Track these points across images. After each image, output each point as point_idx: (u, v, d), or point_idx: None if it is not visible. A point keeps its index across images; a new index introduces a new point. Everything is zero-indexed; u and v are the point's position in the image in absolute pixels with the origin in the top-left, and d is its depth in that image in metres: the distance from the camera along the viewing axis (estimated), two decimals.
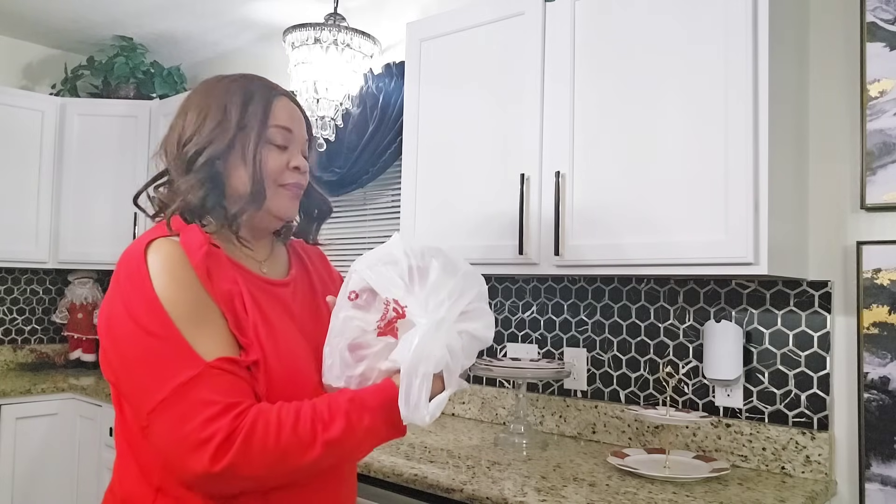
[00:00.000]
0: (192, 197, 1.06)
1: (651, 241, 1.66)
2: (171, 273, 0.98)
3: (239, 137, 1.08)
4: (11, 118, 3.24)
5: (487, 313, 1.06)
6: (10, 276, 3.61)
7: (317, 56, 2.50)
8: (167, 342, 0.95)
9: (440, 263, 1.03)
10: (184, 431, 0.91)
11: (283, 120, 1.12)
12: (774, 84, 1.56)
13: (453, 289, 1.02)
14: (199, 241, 1.02)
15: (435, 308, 0.99)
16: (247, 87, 1.13)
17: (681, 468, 1.70)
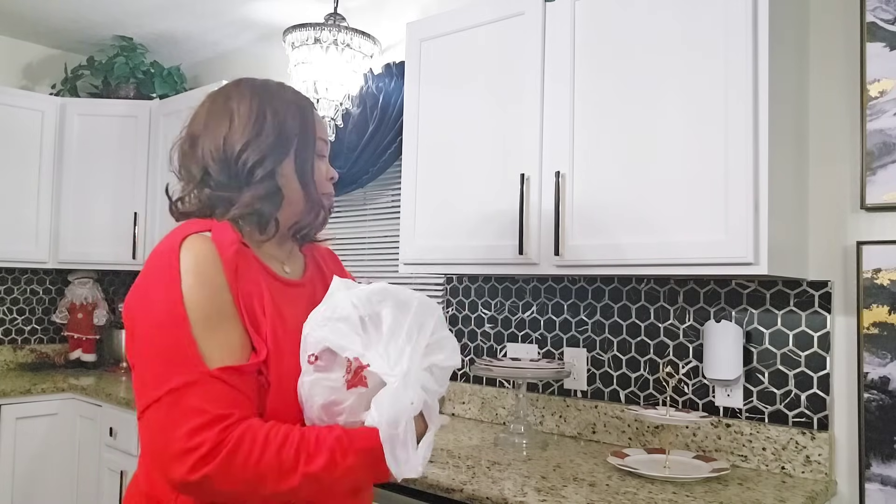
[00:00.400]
0: (262, 208, 1.09)
1: (651, 241, 1.66)
2: (200, 273, 0.99)
3: (297, 149, 1.12)
4: (11, 118, 3.24)
5: (450, 339, 1.06)
6: (10, 276, 3.61)
7: (317, 56, 2.50)
8: (177, 343, 0.95)
9: (391, 305, 1.01)
10: (170, 436, 0.92)
11: (322, 132, 1.18)
12: (774, 84, 1.56)
13: (410, 327, 1.00)
14: (231, 239, 1.04)
15: (397, 357, 0.98)
16: (294, 98, 1.16)
17: (681, 468, 1.70)
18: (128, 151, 3.36)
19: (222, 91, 1.17)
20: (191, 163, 1.12)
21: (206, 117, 1.14)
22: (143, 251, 3.33)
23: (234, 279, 1.01)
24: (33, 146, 3.30)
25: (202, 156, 1.10)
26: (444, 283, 2.53)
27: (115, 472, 2.79)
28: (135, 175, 3.35)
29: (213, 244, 1.02)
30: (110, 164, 3.36)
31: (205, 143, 1.11)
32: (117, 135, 3.37)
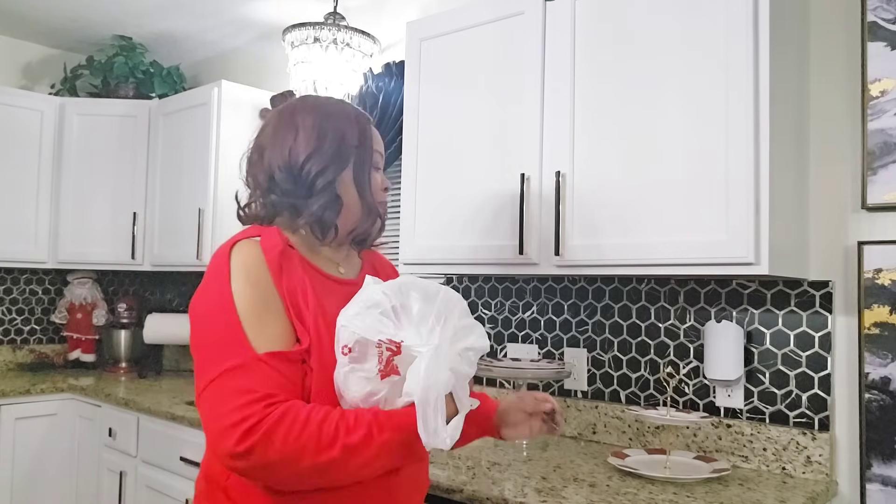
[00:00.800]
0: (324, 215, 1.19)
1: (652, 241, 1.66)
2: (247, 273, 1.10)
3: (355, 160, 1.22)
4: (11, 118, 3.24)
5: (476, 325, 1.11)
6: (10, 276, 3.60)
7: (316, 55, 2.50)
8: (228, 331, 1.06)
9: (419, 294, 1.07)
10: (221, 411, 1.01)
11: (379, 145, 1.28)
12: (775, 84, 1.56)
13: (438, 314, 1.06)
14: (276, 243, 1.16)
15: (428, 334, 1.04)
16: (354, 114, 1.26)
17: (681, 469, 1.70)
18: (127, 151, 3.36)
19: (288, 106, 1.26)
20: (258, 172, 1.23)
21: (274, 130, 1.23)
22: (143, 251, 3.33)
23: (278, 277, 1.12)
24: (33, 146, 3.30)
25: (269, 165, 1.21)
26: (445, 283, 2.53)
27: (114, 473, 2.79)
28: (134, 175, 3.35)
29: (259, 248, 1.14)
30: (110, 164, 3.36)
31: (272, 153, 1.21)
32: (117, 134, 3.36)
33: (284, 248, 1.16)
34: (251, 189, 1.26)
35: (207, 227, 2.99)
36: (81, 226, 3.34)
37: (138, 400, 2.71)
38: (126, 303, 3.60)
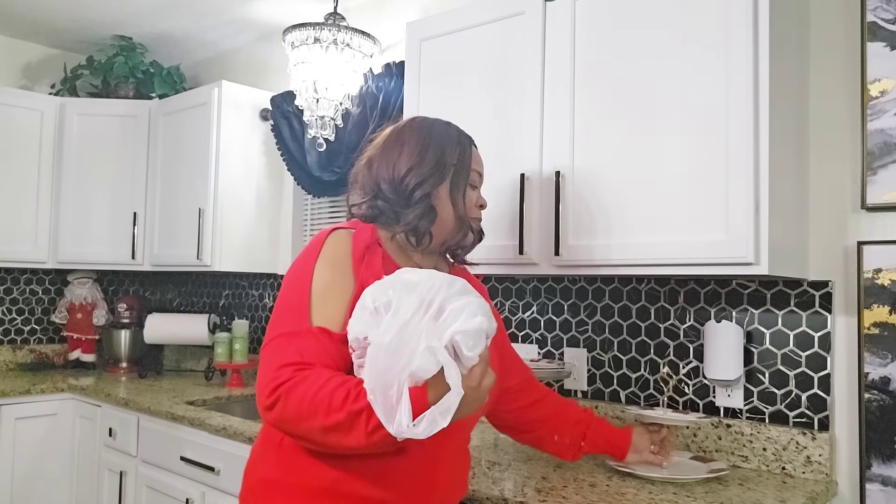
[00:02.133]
0: (419, 224, 1.32)
1: (651, 241, 1.66)
2: (332, 256, 1.25)
3: (452, 177, 1.35)
4: (10, 118, 3.24)
5: (466, 307, 1.08)
6: (10, 276, 3.60)
7: (316, 56, 2.50)
8: (297, 301, 1.21)
9: (398, 288, 1.10)
10: (266, 369, 1.16)
11: (478, 165, 1.42)
12: (775, 84, 1.56)
13: (421, 301, 1.08)
14: (366, 237, 1.30)
15: (387, 328, 1.06)
16: (456, 135, 1.40)
17: (679, 469, 1.70)
18: (127, 151, 3.36)
19: (399, 124, 1.43)
20: (367, 179, 1.38)
21: (383, 144, 1.40)
22: (143, 251, 3.33)
23: (358, 267, 1.25)
24: (32, 146, 3.30)
25: (376, 175, 1.36)
26: None
27: (114, 473, 2.79)
28: (134, 175, 3.35)
29: (350, 239, 1.28)
30: (110, 164, 3.36)
31: (379, 165, 1.37)
32: (117, 134, 3.36)
33: (372, 244, 1.29)
34: (361, 193, 1.40)
35: (207, 227, 2.99)
36: (81, 226, 3.34)
37: (138, 400, 2.72)
38: (126, 303, 3.60)
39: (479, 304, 1.09)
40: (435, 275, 1.12)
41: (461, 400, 1.02)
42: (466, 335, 1.06)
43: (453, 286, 1.11)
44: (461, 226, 1.37)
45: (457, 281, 1.11)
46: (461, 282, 1.11)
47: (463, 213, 1.36)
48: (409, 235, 1.33)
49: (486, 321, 1.08)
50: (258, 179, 3.16)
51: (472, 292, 1.11)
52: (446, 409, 1.01)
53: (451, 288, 1.10)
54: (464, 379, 1.04)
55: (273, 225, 3.22)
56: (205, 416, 2.41)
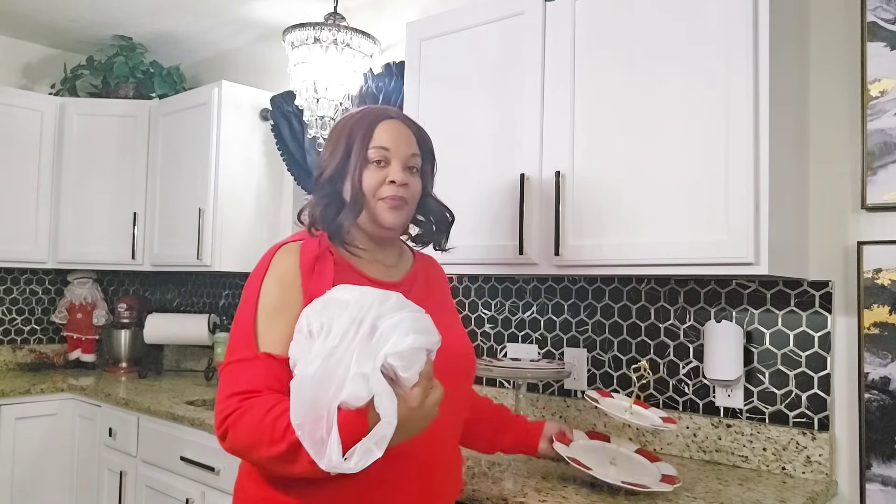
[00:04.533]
0: (314, 211, 1.29)
1: (651, 240, 1.66)
2: (280, 273, 1.21)
3: (347, 160, 1.29)
4: (11, 118, 3.24)
5: (402, 323, 1.02)
6: (10, 276, 3.60)
7: (316, 56, 2.50)
8: (245, 325, 1.19)
9: (331, 308, 1.06)
10: (218, 398, 1.16)
11: (381, 141, 1.30)
12: (775, 84, 1.56)
13: (351, 321, 1.03)
14: (314, 248, 1.25)
15: (316, 353, 1.02)
16: (359, 117, 1.32)
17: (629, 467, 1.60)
18: (127, 151, 3.36)
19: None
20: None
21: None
22: (143, 251, 3.33)
23: (308, 281, 1.20)
24: (33, 146, 3.30)
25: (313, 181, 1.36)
26: None
27: (114, 473, 2.79)
28: (134, 175, 3.35)
29: (298, 252, 1.24)
30: (110, 164, 3.36)
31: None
32: (117, 134, 3.36)
33: (322, 253, 1.24)
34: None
35: (207, 227, 2.99)
36: (81, 226, 3.34)
37: (138, 400, 2.72)
38: (126, 303, 3.60)
39: (414, 320, 1.02)
40: (367, 291, 1.07)
41: (405, 421, 0.98)
42: (400, 356, 0.99)
43: (386, 302, 1.04)
44: (351, 208, 1.28)
45: (390, 296, 1.05)
46: (395, 296, 1.05)
47: (357, 193, 1.27)
48: (325, 230, 1.28)
49: (423, 337, 1.01)
50: (258, 179, 3.16)
51: (407, 307, 1.05)
52: (381, 439, 0.96)
53: (384, 304, 1.04)
54: (403, 400, 0.99)
55: (273, 225, 3.22)
56: (205, 416, 2.41)
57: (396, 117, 1.35)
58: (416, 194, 1.35)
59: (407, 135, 1.34)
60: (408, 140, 1.33)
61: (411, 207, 1.35)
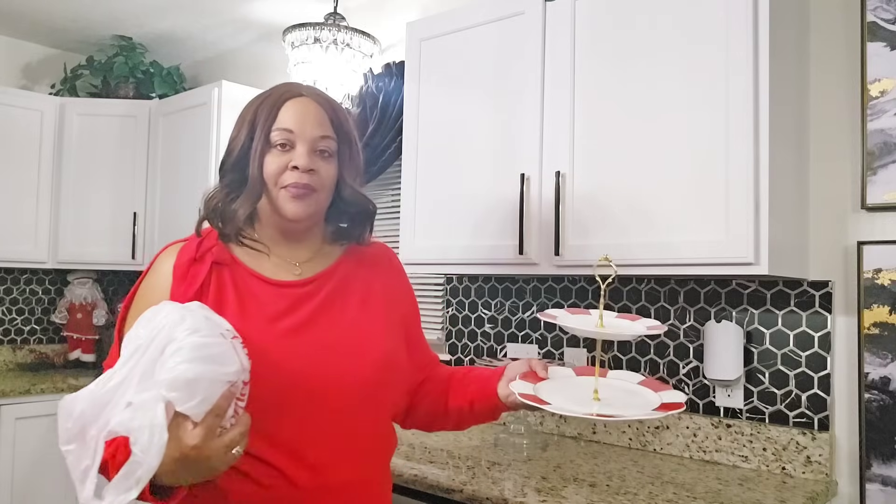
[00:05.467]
0: (213, 202, 1.16)
1: (651, 241, 1.66)
2: (152, 278, 1.14)
3: (252, 143, 1.14)
4: (10, 118, 3.23)
5: (178, 351, 0.90)
6: (10, 276, 3.60)
7: (316, 56, 2.50)
8: (118, 332, 1.14)
9: (138, 327, 0.95)
10: None
11: (283, 122, 1.14)
12: (775, 84, 1.56)
13: (134, 347, 0.93)
14: (191, 250, 1.14)
15: (101, 378, 0.94)
16: (265, 96, 1.17)
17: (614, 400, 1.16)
18: (127, 151, 3.36)
19: None
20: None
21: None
22: (143, 251, 3.33)
23: (178, 285, 1.10)
24: (33, 146, 3.30)
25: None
26: (444, 283, 2.53)
27: None
28: (134, 175, 3.35)
29: (174, 255, 1.14)
30: (110, 164, 3.36)
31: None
32: (117, 134, 3.36)
33: (203, 254, 1.14)
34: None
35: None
36: (81, 226, 3.34)
37: None
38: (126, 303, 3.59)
39: (199, 347, 0.89)
40: (161, 311, 0.95)
41: (185, 462, 0.88)
42: (172, 386, 0.87)
43: (181, 323, 0.92)
44: (246, 197, 1.14)
45: (188, 317, 0.93)
46: (193, 318, 0.93)
47: (257, 179, 1.13)
48: (218, 222, 1.16)
49: (205, 367, 0.88)
50: None
51: (202, 330, 0.92)
52: (136, 480, 0.85)
53: (179, 326, 0.92)
54: (177, 439, 0.87)
55: None
56: None
57: (307, 94, 1.18)
58: (328, 182, 1.17)
59: (317, 114, 1.16)
60: (317, 120, 1.16)
61: (321, 196, 1.17)
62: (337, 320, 1.15)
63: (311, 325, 1.13)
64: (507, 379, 1.20)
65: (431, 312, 2.60)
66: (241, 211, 1.14)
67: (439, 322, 2.57)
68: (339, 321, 1.15)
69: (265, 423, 1.03)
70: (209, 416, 0.89)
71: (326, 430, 1.09)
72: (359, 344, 1.14)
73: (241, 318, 1.08)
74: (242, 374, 0.93)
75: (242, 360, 0.93)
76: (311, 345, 1.11)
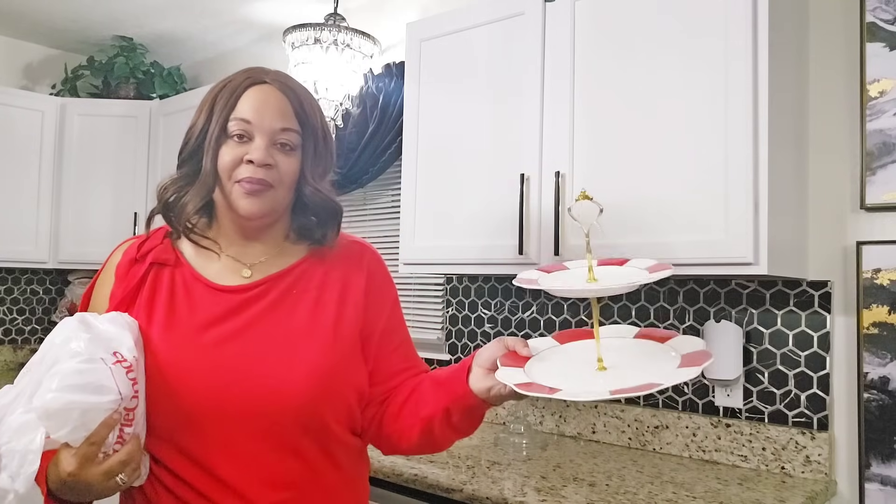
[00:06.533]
0: (166, 195, 1.08)
1: (651, 240, 1.66)
2: (101, 277, 1.11)
3: (207, 134, 1.06)
4: (11, 118, 3.24)
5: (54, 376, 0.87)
6: (10, 276, 3.61)
7: (317, 56, 2.50)
8: None
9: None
10: None
11: (242, 112, 1.05)
12: (774, 84, 1.56)
13: (30, 363, 0.93)
14: (133, 249, 1.09)
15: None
16: (227, 82, 1.08)
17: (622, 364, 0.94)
18: (128, 151, 3.36)
19: None
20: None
21: None
22: None
23: (117, 288, 1.07)
24: (33, 146, 3.30)
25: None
26: (444, 283, 2.53)
27: None
28: (135, 175, 3.36)
29: (120, 253, 1.10)
30: (110, 164, 3.36)
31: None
32: (117, 135, 3.37)
33: (145, 254, 1.08)
34: None
35: None
36: (82, 226, 3.35)
37: None
38: None
39: (66, 375, 0.86)
40: (60, 327, 0.93)
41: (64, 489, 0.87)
42: (44, 414, 0.85)
43: (66, 345, 0.89)
44: (197, 191, 1.05)
45: (73, 338, 0.90)
46: (78, 340, 0.90)
47: (210, 171, 1.04)
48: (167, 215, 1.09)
49: (74, 395, 0.84)
50: None
51: (78, 355, 0.88)
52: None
53: (65, 346, 0.89)
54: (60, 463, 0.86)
55: None
56: None
57: (271, 82, 1.08)
58: (288, 177, 1.07)
59: (279, 104, 1.06)
60: (279, 111, 1.06)
61: (280, 193, 1.06)
62: (277, 329, 1.04)
63: (243, 335, 1.03)
64: (482, 368, 0.99)
65: (431, 312, 2.61)
66: (190, 205, 1.05)
67: (439, 322, 2.57)
68: (279, 329, 1.04)
69: (182, 441, 0.99)
70: (84, 444, 0.86)
71: (250, 452, 0.99)
72: (296, 354, 1.03)
73: (167, 327, 1.02)
74: (122, 402, 0.89)
75: (121, 388, 0.88)
76: (239, 357, 1.01)
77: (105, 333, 0.94)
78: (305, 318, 1.06)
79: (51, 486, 0.89)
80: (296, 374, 1.02)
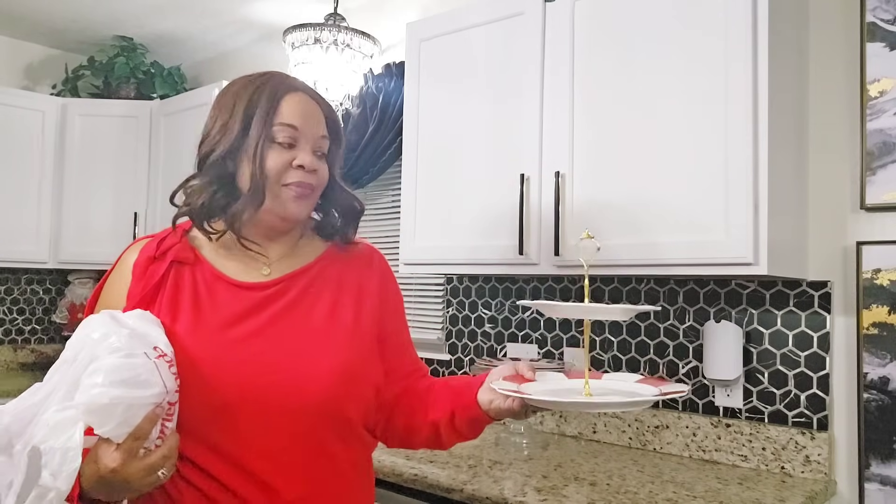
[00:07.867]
0: (198, 198, 1.09)
1: (651, 241, 1.66)
2: (116, 274, 1.11)
3: (244, 136, 1.07)
4: (12, 118, 3.24)
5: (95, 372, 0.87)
6: (11, 276, 3.61)
7: (317, 56, 2.50)
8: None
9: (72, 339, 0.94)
10: None
11: (288, 117, 1.09)
12: (774, 84, 1.56)
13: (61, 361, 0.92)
14: (152, 247, 1.10)
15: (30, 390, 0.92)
16: (258, 85, 1.10)
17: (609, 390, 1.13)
18: (128, 151, 3.36)
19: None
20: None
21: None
22: None
23: (136, 286, 1.07)
24: (34, 146, 3.30)
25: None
26: (444, 283, 2.54)
27: None
28: (135, 175, 3.36)
29: (136, 251, 1.10)
30: (111, 165, 3.36)
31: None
32: (118, 135, 3.37)
33: (165, 252, 1.09)
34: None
35: None
36: (83, 226, 3.35)
37: None
38: None
39: (111, 370, 0.85)
40: (90, 324, 0.93)
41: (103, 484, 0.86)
42: (89, 409, 0.84)
43: (103, 341, 0.88)
44: (252, 197, 1.07)
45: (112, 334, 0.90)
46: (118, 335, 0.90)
47: (258, 180, 1.06)
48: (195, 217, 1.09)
49: (122, 391, 0.84)
50: None
51: (120, 350, 0.88)
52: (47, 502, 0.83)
53: (103, 343, 0.88)
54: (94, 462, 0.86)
55: None
56: None
57: (303, 90, 1.13)
58: (324, 182, 1.14)
59: (316, 113, 1.12)
60: (318, 119, 1.12)
61: (317, 196, 1.14)
62: (299, 325, 1.08)
63: (268, 331, 1.06)
64: (488, 384, 1.09)
65: (431, 312, 2.61)
66: (245, 214, 1.08)
67: (439, 322, 2.58)
68: (301, 326, 1.08)
69: (212, 436, 1.00)
70: (129, 439, 0.87)
71: (279, 446, 1.02)
72: (319, 350, 1.07)
73: (193, 324, 1.04)
74: (166, 396, 0.89)
75: (166, 382, 0.89)
76: (265, 353, 1.04)
77: (140, 329, 0.95)
78: (325, 316, 1.11)
79: (84, 485, 0.88)
80: (320, 368, 1.06)
